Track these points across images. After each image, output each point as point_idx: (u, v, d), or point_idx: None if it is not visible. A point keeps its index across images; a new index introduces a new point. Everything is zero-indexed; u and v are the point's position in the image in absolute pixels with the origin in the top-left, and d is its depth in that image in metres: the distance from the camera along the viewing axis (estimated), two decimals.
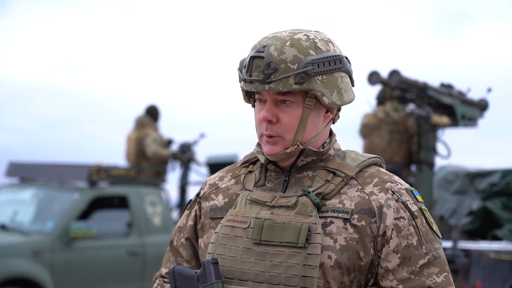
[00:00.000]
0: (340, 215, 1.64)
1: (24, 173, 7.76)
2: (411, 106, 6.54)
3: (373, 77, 6.16)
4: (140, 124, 8.72)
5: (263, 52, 1.64)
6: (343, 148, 1.81)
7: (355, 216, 1.64)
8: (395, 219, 1.64)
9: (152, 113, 8.81)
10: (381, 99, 6.91)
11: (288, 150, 1.68)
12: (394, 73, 6.15)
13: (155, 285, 1.87)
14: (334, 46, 1.70)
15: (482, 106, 6.83)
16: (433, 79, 6.67)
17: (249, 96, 1.76)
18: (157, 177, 8.16)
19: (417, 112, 6.30)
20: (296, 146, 1.68)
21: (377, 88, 6.85)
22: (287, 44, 1.64)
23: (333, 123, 1.77)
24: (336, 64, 1.67)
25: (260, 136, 1.72)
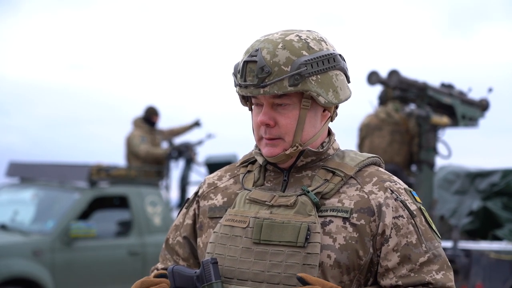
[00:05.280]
0: (339, 214, 1.63)
1: (25, 173, 7.76)
2: (412, 106, 6.53)
3: (373, 77, 6.15)
4: (133, 125, 8.77)
5: (255, 56, 1.63)
6: (342, 147, 1.81)
7: (355, 215, 1.63)
8: (394, 218, 1.64)
9: (148, 114, 8.82)
10: (383, 99, 6.90)
11: (287, 152, 1.68)
12: (393, 73, 6.14)
13: (152, 274, 1.83)
14: (327, 45, 1.69)
15: (483, 106, 6.81)
16: (443, 79, 6.66)
17: (245, 99, 1.75)
18: (157, 177, 8.15)
19: (417, 112, 6.29)
20: (295, 148, 1.67)
21: (379, 88, 6.85)
22: (279, 46, 1.63)
23: (331, 121, 1.76)
24: (330, 63, 1.66)
25: (259, 139, 1.71)
